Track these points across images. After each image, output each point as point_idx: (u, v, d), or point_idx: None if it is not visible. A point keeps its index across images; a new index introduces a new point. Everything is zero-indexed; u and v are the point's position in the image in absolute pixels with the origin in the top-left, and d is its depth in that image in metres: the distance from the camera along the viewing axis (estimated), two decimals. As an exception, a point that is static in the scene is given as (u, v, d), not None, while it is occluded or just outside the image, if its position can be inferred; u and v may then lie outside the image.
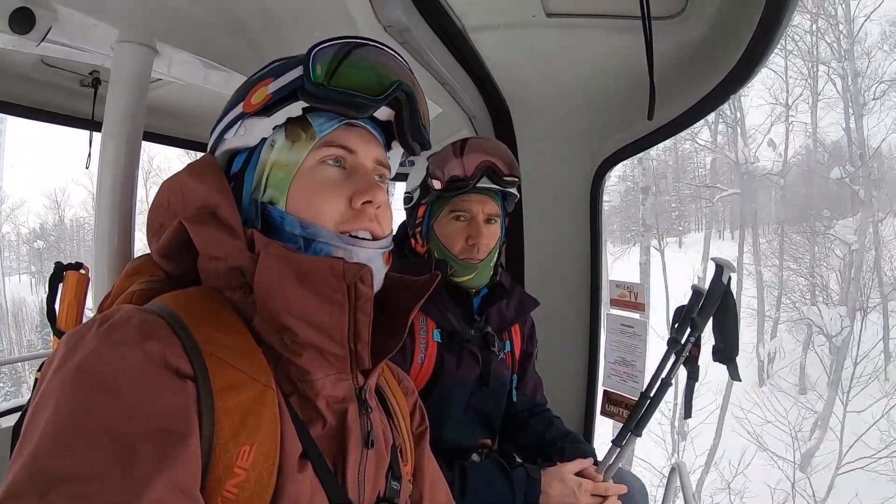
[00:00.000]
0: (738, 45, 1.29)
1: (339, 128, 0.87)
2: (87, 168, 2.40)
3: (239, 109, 0.87)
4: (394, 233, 0.94)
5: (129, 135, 1.32)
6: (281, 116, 0.85)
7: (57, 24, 1.31)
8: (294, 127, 0.86)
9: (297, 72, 0.83)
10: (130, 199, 1.32)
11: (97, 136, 1.57)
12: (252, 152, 0.87)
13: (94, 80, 2.17)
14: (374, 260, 0.85)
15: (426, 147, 0.95)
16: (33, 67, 2.03)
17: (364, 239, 0.85)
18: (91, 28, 1.36)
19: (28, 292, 25.82)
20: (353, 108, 0.84)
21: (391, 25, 1.44)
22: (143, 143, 1.39)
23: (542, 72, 1.92)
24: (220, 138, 0.90)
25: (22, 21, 1.26)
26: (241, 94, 0.89)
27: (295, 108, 0.84)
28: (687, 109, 1.63)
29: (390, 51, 0.89)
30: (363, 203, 0.84)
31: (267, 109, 0.85)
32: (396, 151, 0.99)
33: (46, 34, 1.30)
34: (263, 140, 0.87)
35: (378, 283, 0.86)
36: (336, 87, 0.81)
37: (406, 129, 0.91)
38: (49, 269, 1.35)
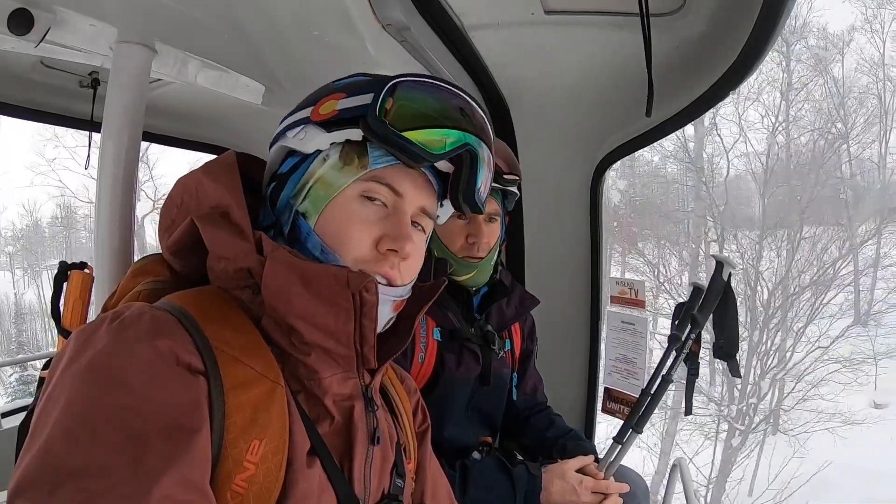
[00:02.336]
0: (736, 41, 1.29)
1: (393, 165, 0.83)
2: (86, 168, 2.40)
3: (306, 113, 0.86)
4: (413, 280, 0.90)
5: (128, 135, 1.32)
6: (341, 136, 0.83)
7: (56, 24, 1.31)
8: (350, 150, 0.83)
9: (367, 98, 0.81)
10: (130, 198, 1.32)
11: (96, 136, 1.57)
12: (304, 159, 0.86)
13: (94, 81, 2.16)
14: (384, 304, 0.82)
15: (476, 211, 0.91)
16: (32, 68, 2.03)
17: (378, 283, 0.82)
18: (90, 29, 1.36)
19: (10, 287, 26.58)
20: (408, 157, 0.81)
21: (390, 24, 1.43)
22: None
23: (541, 70, 1.91)
24: (283, 134, 0.88)
25: (21, 22, 1.26)
26: (316, 97, 0.87)
27: (356, 133, 0.82)
28: (686, 106, 1.63)
29: (474, 103, 0.86)
30: (388, 250, 0.82)
31: (330, 124, 0.83)
32: (449, 207, 0.94)
33: (45, 35, 1.30)
34: (318, 151, 0.85)
35: (380, 327, 0.84)
36: (397, 130, 0.79)
37: (459, 190, 0.87)
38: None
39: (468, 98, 0.86)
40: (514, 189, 1.64)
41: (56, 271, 1.37)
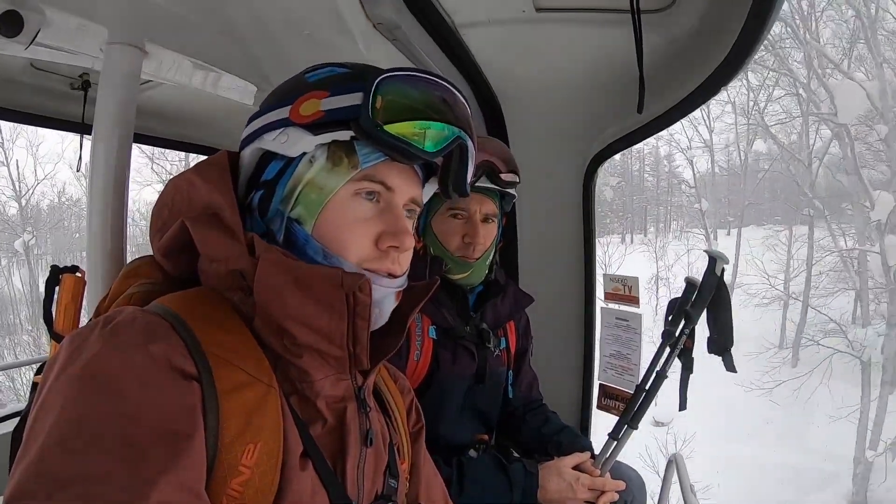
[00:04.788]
0: (727, 37, 1.29)
1: (383, 161, 0.83)
2: (78, 171, 2.40)
3: (284, 113, 0.83)
4: (408, 267, 0.91)
5: (119, 137, 1.32)
6: (327, 137, 0.81)
7: (46, 26, 1.30)
8: (338, 150, 0.82)
9: (356, 97, 0.79)
10: (122, 201, 1.32)
11: (87, 139, 1.57)
12: (289, 162, 0.84)
13: (84, 83, 2.15)
14: (387, 298, 0.84)
15: (464, 196, 0.92)
16: (22, 71, 2.01)
17: (380, 278, 0.83)
18: (80, 30, 1.35)
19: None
20: (404, 157, 0.81)
21: (381, 23, 1.43)
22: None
23: (533, 67, 1.91)
24: (259, 135, 0.85)
25: (10, 24, 1.25)
26: (290, 95, 0.84)
27: (344, 134, 0.81)
28: (678, 103, 1.64)
29: (457, 92, 0.86)
30: (389, 246, 0.83)
31: (316, 126, 0.81)
32: (432, 187, 0.96)
33: (35, 37, 1.29)
34: (303, 153, 0.83)
35: (383, 319, 0.86)
36: (391, 132, 0.78)
37: (450, 179, 0.89)
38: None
39: (452, 88, 0.86)
40: (513, 191, 1.64)
41: (48, 275, 1.37)
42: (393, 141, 0.79)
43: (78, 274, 1.37)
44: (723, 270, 1.50)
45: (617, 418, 1.60)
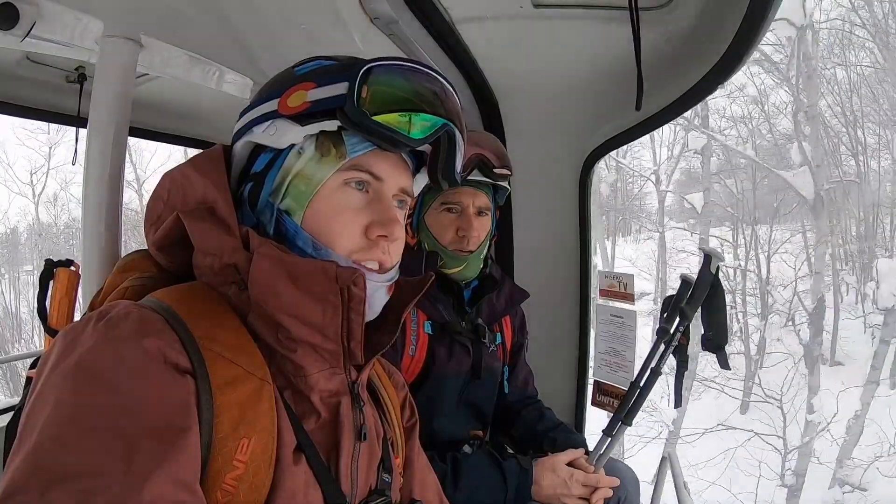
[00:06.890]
0: (725, 34, 1.29)
1: (371, 151, 0.83)
2: (73, 164, 2.39)
3: (272, 106, 0.83)
4: (399, 259, 0.91)
5: (115, 130, 1.31)
6: (315, 128, 0.81)
7: (41, 19, 1.29)
8: (326, 140, 0.82)
9: (341, 87, 0.79)
10: (117, 194, 1.31)
11: (83, 132, 1.56)
12: (278, 154, 0.84)
13: (80, 76, 2.14)
14: (378, 291, 0.84)
15: (454, 185, 0.93)
16: (18, 64, 2.01)
17: (371, 269, 0.83)
18: (76, 22, 1.35)
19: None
20: (390, 144, 0.82)
21: (378, 17, 1.43)
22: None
23: (530, 63, 1.91)
24: (249, 129, 0.86)
25: (5, 16, 1.25)
26: (278, 88, 0.85)
27: (332, 124, 0.81)
28: (675, 100, 1.64)
29: (444, 81, 0.86)
30: (378, 236, 0.83)
31: (302, 117, 0.81)
32: (423, 178, 0.96)
33: (31, 29, 1.29)
34: (291, 145, 0.84)
35: (375, 312, 0.86)
36: (378, 120, 0.79)
37: (438, 168, 0.89)
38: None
39: (441, 79, 0.86)
40: (506, 184, 1.64)
41: (42, 269, 1.36)
42: (378, 128, 0.79)
43: (72, 268, 1.36)
44: (718, 268, 1.50)
45: (611, 415, 1.61)
